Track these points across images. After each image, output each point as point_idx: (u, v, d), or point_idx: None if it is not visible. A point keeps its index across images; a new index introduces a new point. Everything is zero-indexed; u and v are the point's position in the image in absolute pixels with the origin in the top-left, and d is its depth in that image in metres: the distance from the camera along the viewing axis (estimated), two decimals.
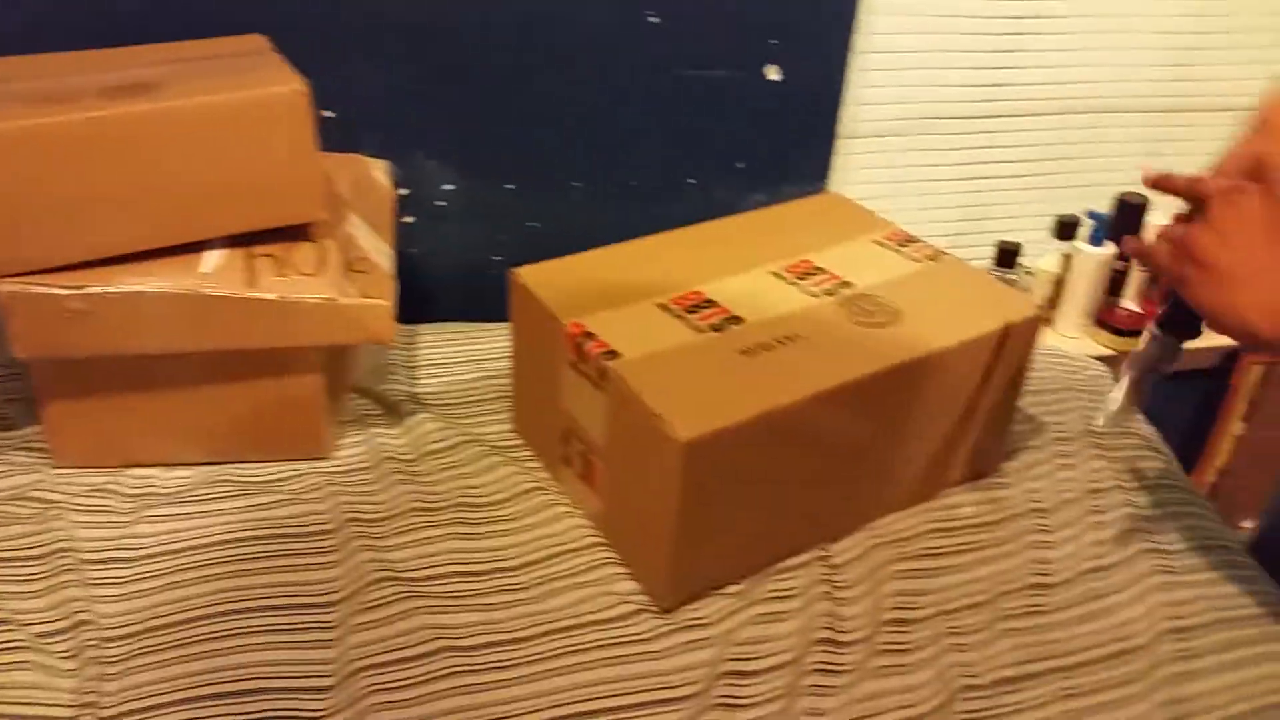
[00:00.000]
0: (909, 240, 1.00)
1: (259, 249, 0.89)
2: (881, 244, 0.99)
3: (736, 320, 0.86)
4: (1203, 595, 0.86)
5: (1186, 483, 1.00)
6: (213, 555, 0.85)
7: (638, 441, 0.79)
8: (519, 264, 0.92)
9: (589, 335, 0.82)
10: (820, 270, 0.93)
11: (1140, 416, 1.06)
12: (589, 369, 0.82)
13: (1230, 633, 0.83)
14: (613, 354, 0.80)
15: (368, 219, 1.00)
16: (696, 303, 0.88)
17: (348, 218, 0.96)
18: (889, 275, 0.93)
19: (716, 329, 0.84)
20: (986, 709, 0.76)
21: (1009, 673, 0.79)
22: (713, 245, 0.97)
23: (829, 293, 0.90)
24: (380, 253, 0.97)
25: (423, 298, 1.26)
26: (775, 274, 0.93)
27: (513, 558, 0.86)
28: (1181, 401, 1.83)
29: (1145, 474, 1.00)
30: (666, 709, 0.75)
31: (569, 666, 0.77)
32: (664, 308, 0.87)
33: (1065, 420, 1.06)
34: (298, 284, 0.86)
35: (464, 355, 1.10)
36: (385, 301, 0.88)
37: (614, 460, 0.84)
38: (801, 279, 0.92)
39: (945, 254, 0.98)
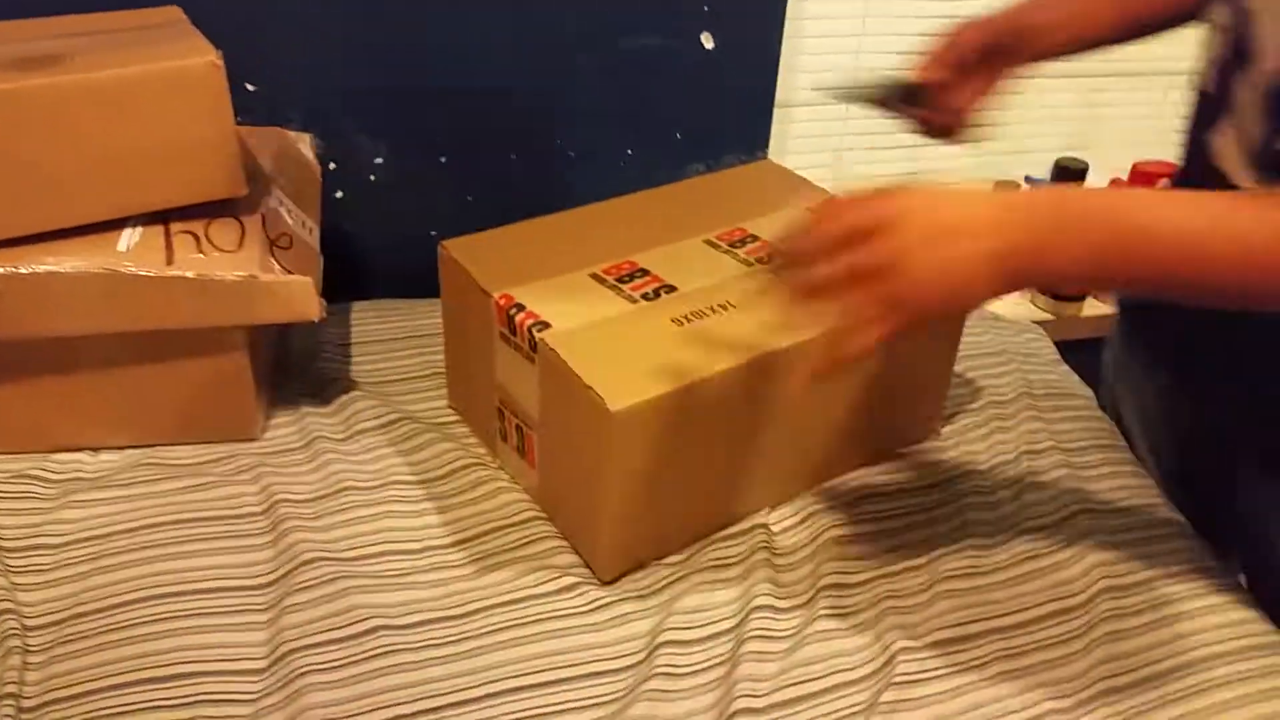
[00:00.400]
0: None
1: (178, 226, 0.86)
2: None
3: (669, 289, 0.85)
4: (1137, 554, 0.87)
5: (1121, 444, 1.01)
6: (140, 540, 0.83)
7: (570, 413, 0.78)
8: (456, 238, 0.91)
9: (519, 307, 0.81)
10: (754, 238, 0.93)
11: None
12: (520, 341, 0.81)
13: (1163, 589, 0.84)
14: (544, 325, 0.79)
15: (292, 194, 0.98)
16: (629, 272, 0.87)
17: (271, 193, 0.94)
18: None
19: (649, 298, 0.84)
20: (926, 670, 0.76)
21: (948, 634, 0.79)
22: (646, 215, 0.96)
23: (762, 260, 0.89)
24: (305, 228, 0.95)
25: (357, 275, 1.24)
26: (709, 242, 0.92)
27: (449, 535, 0.85)
28: None
29: (1081, 436, 1.01)
30: (607, 680, 0.74)
31: (506, 641, 0.76)
32: (596, 278, 0.86)
33: (1002, 384, 1.06)
34: (218, 261, 0.84)
35: (398, 332, 1.08)
36: (308, 278, 0.86)
37: (548, 432, 0.83)
38: (735, 246, 0.91)
39: None
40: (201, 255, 0.84)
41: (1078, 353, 1.20)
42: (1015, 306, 1.81)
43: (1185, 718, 0.74)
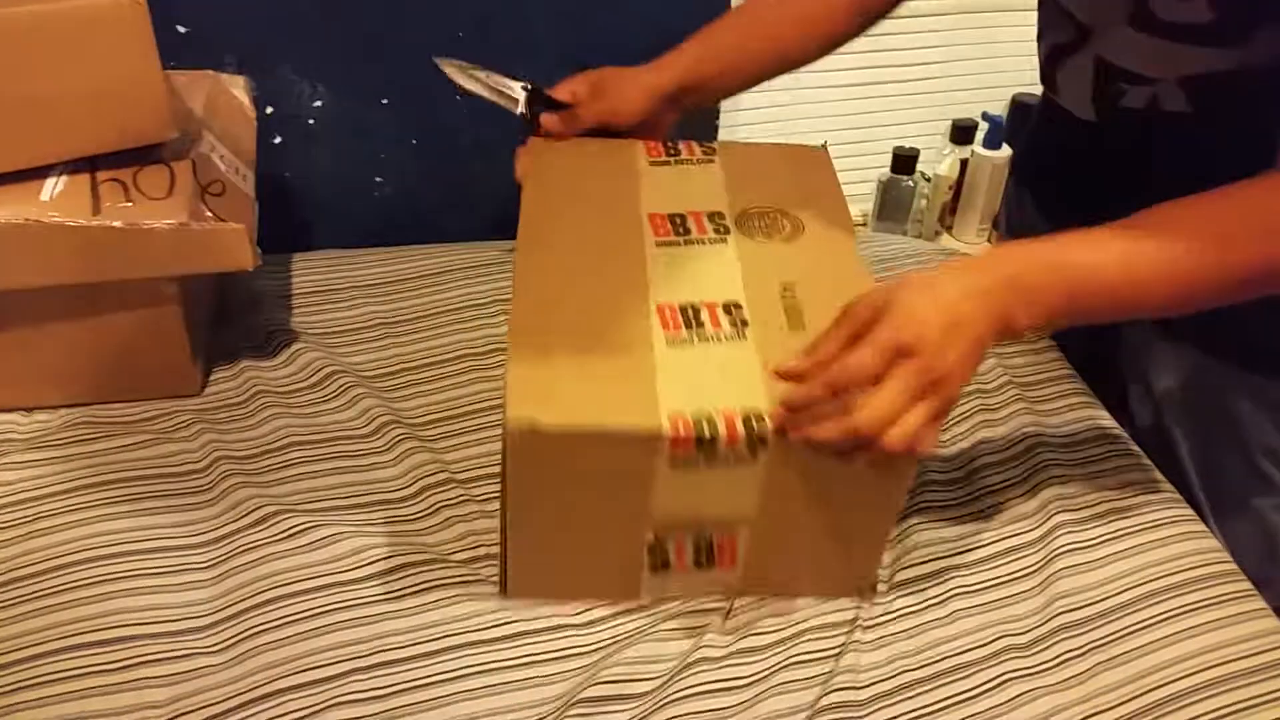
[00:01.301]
0: (673, 150, 0.90)
1: (105, 174, 0.83)
2: (664, 163, 0.88)
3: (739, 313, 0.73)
4: (1093, 486, 0.87)
5: (1076, 376, 1.00)
6: (76, 501, 0.80)
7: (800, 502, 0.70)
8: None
9: (706, 423, 0.66)
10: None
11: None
12: (729, 449, 0.67)
13: (1120, 522, 0.84)
14: (757, 418, 0.66)
15: (225, 140, 0.94)
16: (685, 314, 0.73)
17: (202, 138, 0.90)
18: (765, 191, 0.86)
19: (732, 335, 0.72)
20: (883, 614, 0.75)
21: (905, 575, 0.78)
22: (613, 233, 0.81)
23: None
24: (239, 175, 0.92)
25: (299, 224, 1.20)
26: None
27: (398, 489, 0.83)
28: None
29: (1035, 371, 1.00)
30: (569, 634, 0.73)
31: (460, 596, 0.74)
32: (674, 342, 0.71)
33: None
34: (146, 210, 0.81)
35: (341, 283, 1.05)
36: (241, 225, 0.82)
37: (762, 528, 0.72)
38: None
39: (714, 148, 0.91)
40: (130, 204, 0.81)
41: None
42: (976, 248, 1.80)
43: (1144, 649, 0.74)
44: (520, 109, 0.90)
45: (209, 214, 0.83)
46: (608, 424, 0.65)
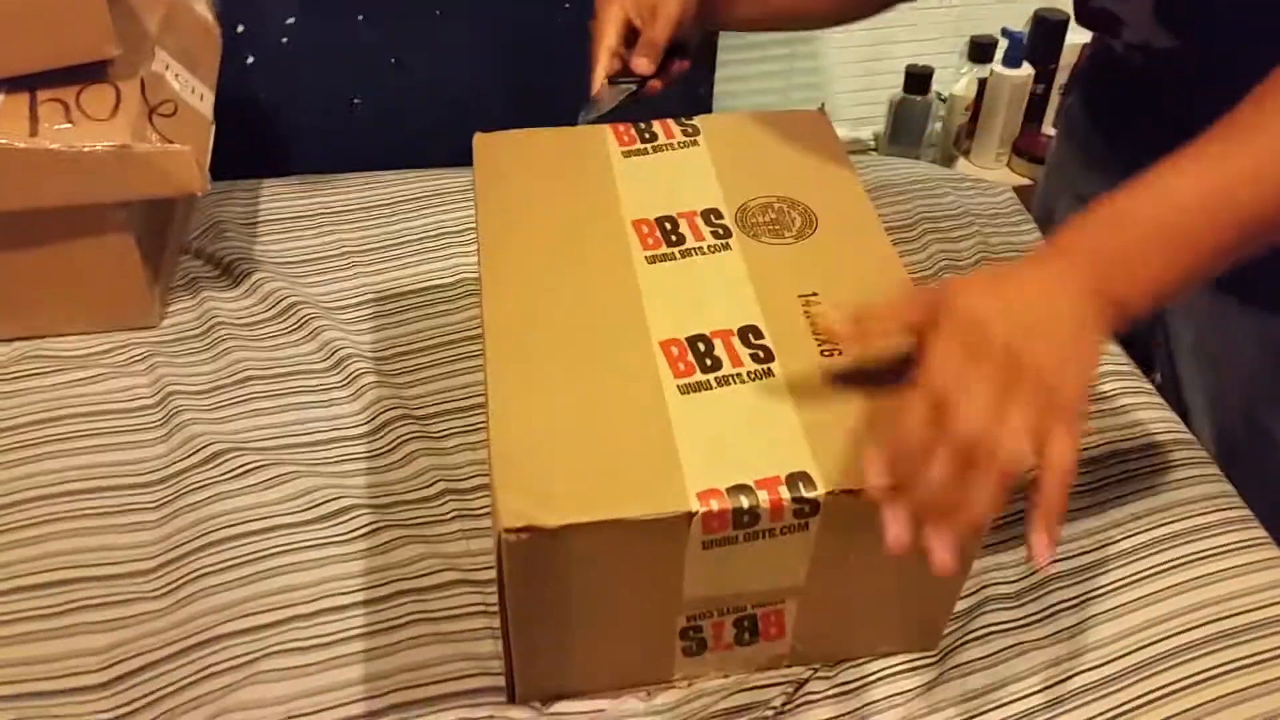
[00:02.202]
0: (648, 134, 0.78)
1: (45, 94, 0.78)
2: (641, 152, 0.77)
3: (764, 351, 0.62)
4: (1102, 428, 0.81)
5: None
6: (21, 438, 0.77)
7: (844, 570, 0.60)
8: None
9: (744, 491, 0.55)
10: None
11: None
12: (774, 523, 0.56)
13: (1126, 464, 0.79)
14: (804, 478, 0.55)
15: (182, 57, 0.88)
16: (694, 350, 0.62)
17: (154, 56, 0.85)
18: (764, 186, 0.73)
19: (757, 375, 0.60)
20: None
21: None
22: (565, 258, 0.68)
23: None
24: (195, 95, 0.87)
25: (275, 148, 1.16)
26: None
27: (357, 425, 0.79)
28: None
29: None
30: None
31: (407, 538, 0.71)
32: (686, 389, 0.59)
33: (960, 249, 0.99)
34: (87, 131, 0.76)
35: (309, 210, 1.00)
36: (187, 147, 0.78)
37: (815, 594, 0.63)
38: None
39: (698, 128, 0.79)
40: (70, 125, 0.76)
41: None
42: (994, 173, 1.73)
43: (1158, 595, 0.70)
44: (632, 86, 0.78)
45: (155, 136, 0.78)
46: (624, 513, 0.53)
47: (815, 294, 0.65)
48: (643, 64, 0.77)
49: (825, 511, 0.54)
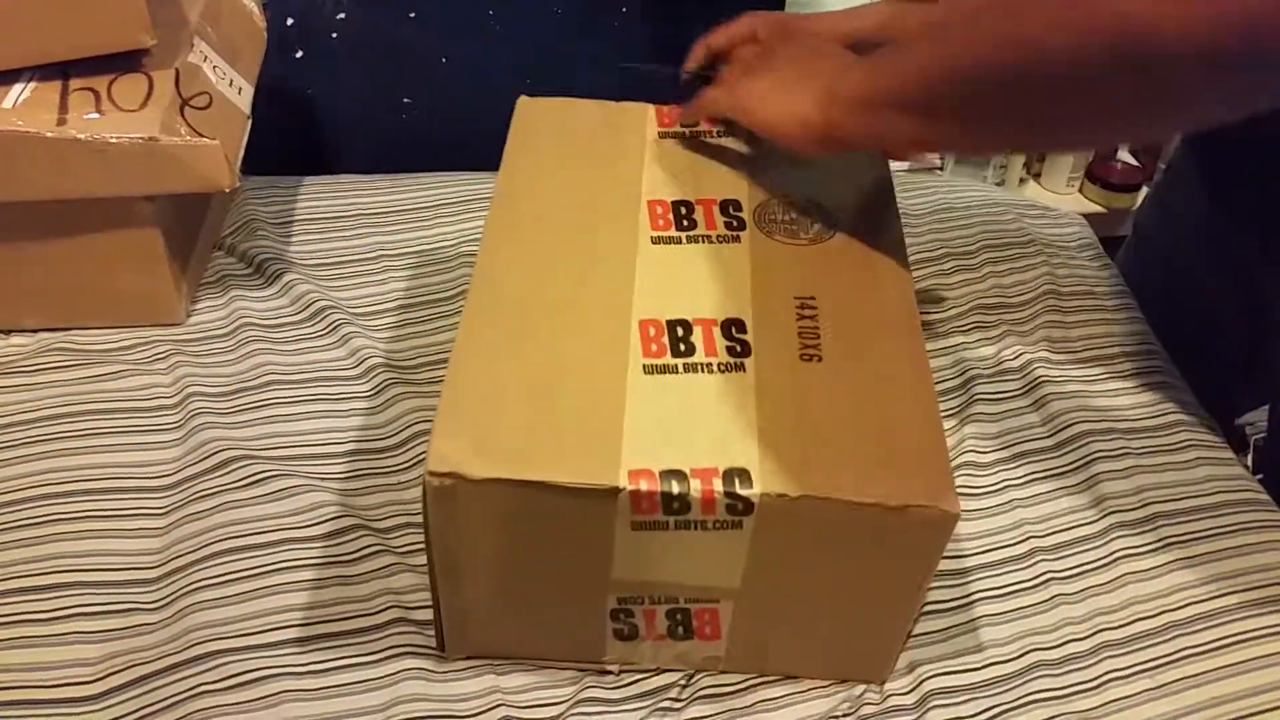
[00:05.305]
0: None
1: (77, 82, 0.76)
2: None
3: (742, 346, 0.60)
4: (1123, 404, 0.82)
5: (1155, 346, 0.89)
6: (37, 432, 0.75)
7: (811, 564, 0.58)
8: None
9: (675, 476, 0.54)
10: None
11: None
12: (707, 515, 0.55)
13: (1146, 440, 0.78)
14: (741, 474, 0.54)
15: (223, 49, 0.86)
16: (669, 337, 0.60)
17: (192, 46, 0.83)
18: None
19: (729, 366, 0.59)
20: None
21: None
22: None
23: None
24: (233, 88, 0.84)
25: (322, 146, 1.13)
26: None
27: (382, 437, 0.76)
28: None
29: (1112, 340, 0.89)
30: None
31: (409, 567, 0.67)
32: (654, 370, 0.58)
33: (1026, 280, 0.94)
34: (115, 121, 0.74)
35: (348, 210, 0.98)
36: (215, 141, 0.75)
37: (753, 596, 0.61)
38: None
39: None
40: (98, 115, 0.74)
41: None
42: (1065, 198, 1.66)
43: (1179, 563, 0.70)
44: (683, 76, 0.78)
45: (185, 129, 0.76)
46: (550, 477, 0.52)
47: (813, 298, 0.62)
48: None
49: (760, 513, 0.53)
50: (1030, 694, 0.62)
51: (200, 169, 0.76)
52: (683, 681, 0.63)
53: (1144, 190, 1.66)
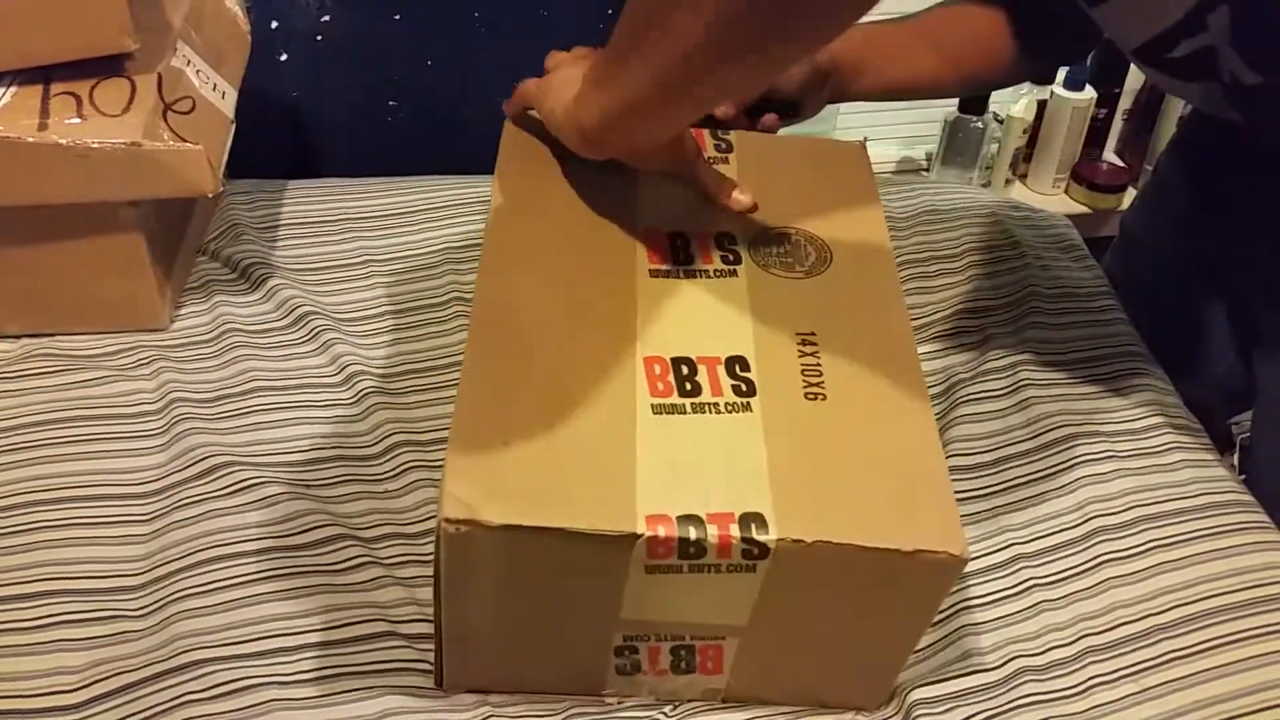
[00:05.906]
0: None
1: (59, 86, 0.76)
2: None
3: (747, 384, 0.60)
4: (1108, 406, 0.80)
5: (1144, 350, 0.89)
6: (19, 439, 0.74)
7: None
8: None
9: (692, 521, 0.53)
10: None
11: None
12: (721, 559, 0.54)
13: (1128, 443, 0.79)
14: (758, 522, 0.53)
15: (207, 53, 0.86)
16: (675, 374, 0.60)
17: (176, 50, 0.83)
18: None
19: (735, 406, 0.58)
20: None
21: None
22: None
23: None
24: (217, 92, 0.84)
25: (307, 150, 1.13)
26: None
27: (364, 445, 0.76)
28: None
29: (1098, 342, 0.89)
30: None
31: (393, 580, 0.67)
32: (661, 409, 0.57)
33: (1006, 281, 0.94)
34: (97, 126, 0.74)
35: (333, 214, 0.97)
36: (199, 146, 0.75)
37: (760, 633, 0.61)
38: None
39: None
40: (79, 119, 0.74)
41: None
42: (1051, 199, 1.67)
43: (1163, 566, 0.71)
44: None
45: (168, 133, 0.76)
46: (568, 524, 0.51)
47: (813, 334, 0.62)
48: (726, 109, 0.78)
49: (775, 557, 0.53)
50: (1015, 700, 0.62)
51: (183, 174, 0.75)
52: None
53: (1129, 191, 1.67)
